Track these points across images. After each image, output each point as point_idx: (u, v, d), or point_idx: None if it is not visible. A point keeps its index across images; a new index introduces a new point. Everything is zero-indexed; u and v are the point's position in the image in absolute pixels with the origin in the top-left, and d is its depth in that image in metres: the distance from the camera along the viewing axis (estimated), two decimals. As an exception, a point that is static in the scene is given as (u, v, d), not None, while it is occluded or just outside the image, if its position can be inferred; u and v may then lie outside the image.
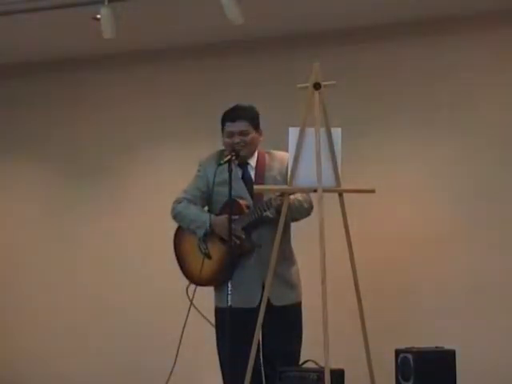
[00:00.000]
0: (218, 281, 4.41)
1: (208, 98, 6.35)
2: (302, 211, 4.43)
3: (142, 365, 6.28)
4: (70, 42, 6.26)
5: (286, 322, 4.39)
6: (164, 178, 6.45)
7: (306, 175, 4.09)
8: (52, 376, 6.61)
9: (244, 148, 4.46)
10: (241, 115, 4.49)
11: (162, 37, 6.20)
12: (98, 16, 5.39)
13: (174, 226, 6.28)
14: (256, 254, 4.39)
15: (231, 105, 5.51)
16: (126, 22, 5.44)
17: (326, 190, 4.08)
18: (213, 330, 4.52)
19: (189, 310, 4.49)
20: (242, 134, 4.47)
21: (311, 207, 4.47)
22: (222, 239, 4.39)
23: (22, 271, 6.83)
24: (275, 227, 4.18)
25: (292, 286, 4.45)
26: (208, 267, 4.42)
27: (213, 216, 4.44)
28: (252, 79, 6.20)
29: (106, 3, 5.28)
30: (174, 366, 4.65)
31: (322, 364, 3.99)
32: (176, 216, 4.57)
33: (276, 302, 4.31)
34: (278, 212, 4.26)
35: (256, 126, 4.52)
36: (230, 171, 4.28)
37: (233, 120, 4.50)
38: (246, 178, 4.49)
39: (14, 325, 6.82)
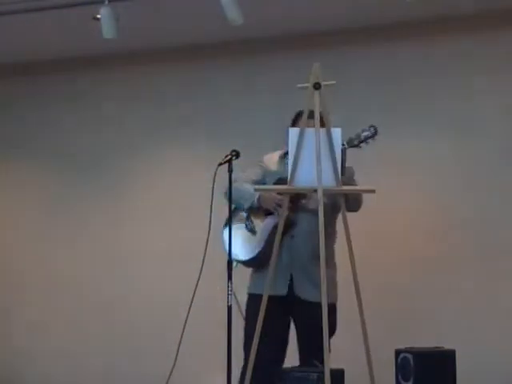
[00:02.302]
0: (260, 258, 4.44)
1: (208, 98, 6.35)
2: (358, 201, 4.48)
3: (142, 365, 6.28)
4: (69, 41, 6.27)
5: (310, 317, 4.36)
6: (164, 177, 6.46)
7: (306, 175, 4.09)
8: (52, 376, 6.61)
9: None
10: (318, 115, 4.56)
11: (162, 37, 6.20)
12: (98, 16, 5.39)
13: (174, 225, 6.30)
14: (288, 245, 4.39)
15: (231, 104, 5.55)
16: (126, 22, 5.44)
17: (326, 190, 4.08)
18: (213, 330, 4.53)
19: (189, 311, 4.49)
20: None
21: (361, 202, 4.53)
22: (267, 213, 4.45)
23: (22, 271, 6.83)
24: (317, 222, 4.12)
25: (317, 285, 4.35)
26: (252, 243, 4.50)
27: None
28: (252, 79, 6.21)
29: (106, 3, 5.28)
30: (173, 367, 4.65)
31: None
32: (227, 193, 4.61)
33: (300, 294, 4.38)
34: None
35: None
36: (230, 171, 4.31)
37: (312, 117, 4.44)
38: None
39: (14, 325, 6.82)
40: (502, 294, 5.49)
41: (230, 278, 4.25)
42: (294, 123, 4.55)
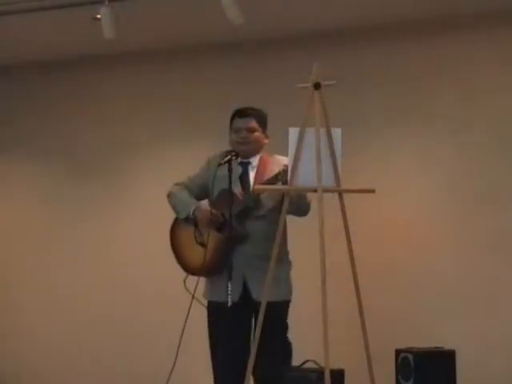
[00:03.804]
0: (214, 269, 4.40)
1: (208, 98, 6.35)
2: (301, 204, 4.40)
3: (142, 365, 6.28)
4: (70, 41, 6.27)
5: (268, 318, 4.22)
6: (164, 177, 6.42)
7: (306, 175, 4.09)
8: (50, 376, 6.61)
9: (247, 145, 4.54)
10: (250, 113, 4.59)
11: (162, 37, 6.20)
12: (98, 16, 5.39)
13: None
14: (240, 251, 4.37)
15: (231, 105, 5.49)
16: (126, 22, 5.44)
17: (326, 190, 4.09)
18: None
19: (189, 311, 4.49)
20: (249, 130, 4.55)
21: (309, 207, 4.46)
22: (217, 228, 4.41)
23: (22, 271, 6.83)
24: (268, 223, 4.26)
25: (276, 284, 4.33)
26: (202, 255, 4.43)
27: (200, 203, 4.52)
28: (252, 79, 6.21)
29: (106, 3, 5.28)
30: (173, 366, 4.65)
31: (322, 364, 3.99)
32: (168, 195, 4.68)
33: (255, 297, 4.31)
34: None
35: (263, 127, 4.61)
36: (230, 171, 4.31)
37: (241, 116, 4.59)
38: (243, 176, 4.53)
39: (14, 325, 6.81)
40: (502, 295, 5.49)
41: (230, 278, 4.25)
42: (231, 122, 4.61)
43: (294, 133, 4.13)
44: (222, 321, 4.26)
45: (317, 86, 4.10)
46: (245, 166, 4.57)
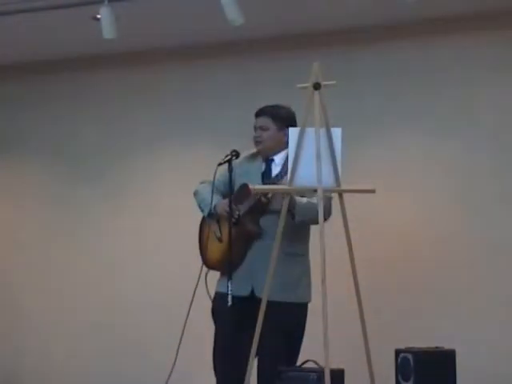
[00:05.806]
0: (226, 263, 4.38)
1: (208, 98, 6.35)
2: (311, 214, 4.27)
3: (142, 364, 6.28)
4: (70, 41, 6.27)
5: (271, 318, 4.22)
6: (164, 178, 6.46)
7: (306, 175, 4.10)
8: (52, 376, 6.61)
9: (259, 144, 4.58)
10: (264, 111, 4.62)
11: (162, 37, 6.20)
12: (98, 16, 5.40)
13: (173, 226, 6.32)
14: (255, 247, 4.41)
15: (231, 104, 5.50)
16: (126, 22, 5.44)
17: (326, 190, 4.09)
18: (213, 330, 4.54)
19: (189, 310, 4.49)
20: (262, 128, 4.57)
21: (328, 214, 4.31)
22: (231, 223, 4.40)
23: (23, 271, 6.83)
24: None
25: (286, 284, 4.37)
26: (219, 250, 4.48)
27: (219, 199, 4.54)
28: (252, 79, 6.21)
29: (106, 3, 5.28)
30: (173, 365, 4.65)
31: (322, 364, 3.99)
32: (194, 193, 4.73)
33: (259, 294, 4.27)
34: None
35: (280, 124, 4.56)
36: (230, 171, 4.33)
37: (256, 115, 4.64)
38: (266, 173, 4.55)
39: (15, 325, 6.82)
40: (502, 294, 5.49)
41: (230, 277, 4.26)
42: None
43: (293, 133, 4.14)
44: (224, 313, 4.28)
45: (317, 86, 4.10)
46: (269, 163, 4.58)
